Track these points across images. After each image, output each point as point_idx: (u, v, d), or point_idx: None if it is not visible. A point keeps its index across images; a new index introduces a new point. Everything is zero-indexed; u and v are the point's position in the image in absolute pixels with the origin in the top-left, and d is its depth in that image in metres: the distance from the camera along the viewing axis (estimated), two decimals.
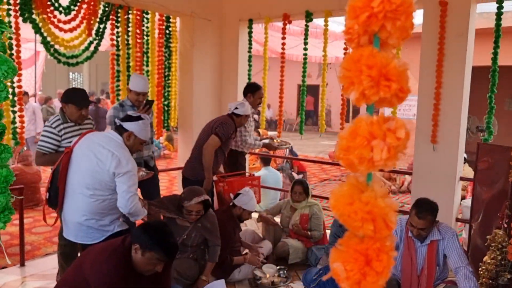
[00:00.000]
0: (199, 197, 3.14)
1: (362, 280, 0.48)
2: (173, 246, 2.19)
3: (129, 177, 2.58)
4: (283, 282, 3.59)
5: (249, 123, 4.46)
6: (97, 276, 2.09)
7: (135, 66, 5.00)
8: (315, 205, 4.17)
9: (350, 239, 0.51)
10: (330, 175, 9.55)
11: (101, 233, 2.66)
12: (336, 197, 0.50)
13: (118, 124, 2.74)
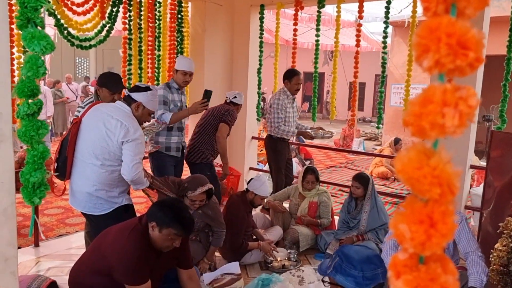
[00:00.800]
0: (203, 187, 3.12)
1: (426, 242, 0.50)
2: (189, 220, 2.23)
3: (136, 145, 2.60)
4: (293, 266, 3.65)
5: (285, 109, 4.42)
6: (118, 256, 2.14)
7: (146, 50, 5.01)
8: (324, 193, 4.21)
9: (413, 203, 0.53)
10: (336, 162, 9.58)
11: (110, 204, 2.69)
12: (403, 162, 0.52)
13: (127, 94, 2.76)
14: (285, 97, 4.48)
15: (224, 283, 2.87)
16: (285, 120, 4.47)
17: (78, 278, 2.29)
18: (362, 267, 1.47)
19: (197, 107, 3.63)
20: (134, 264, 2.11)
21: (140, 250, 2.14)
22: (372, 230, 3.87)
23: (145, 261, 2.15)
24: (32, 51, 2.04)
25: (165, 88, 3.72)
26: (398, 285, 0.54)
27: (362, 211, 3.90)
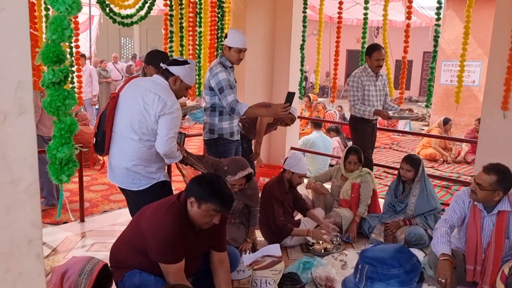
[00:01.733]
0: (243, 171, 3.00)
1: None
2: (228, 195, 2.16)
3: (172, 119, 2.56)
4: (336, 249, 3.53)
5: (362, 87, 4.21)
6: (153, 233, 2.10)
7: (187, 27, 4.93)
8: (367, 174, 4.01)
9: None
10: (380, 143, 9.25)
11: (148, 180, 2.66)
12: None
13: (164, 68, 2.69)
14: (364, 74, 4.21)
15: (264, 265, 2.79)
16: (365, 98, 4.21)
17: (118, 254, 2.29)
18: (399, 262, 1.30)
19: (279, 110, 3.26)
20: (168, 242, 2.07)
21: (177, 228, 2.09)
22: (420, 215, 3.67)
23: (182, 239, 2.11)
24: (57, 11, 1.88)
25: (223, 69, 3.37)
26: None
27: (410, 194, 3.70)
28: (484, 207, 2.64)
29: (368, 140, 4.41)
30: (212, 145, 3.51)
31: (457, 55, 9.51)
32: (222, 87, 3.28)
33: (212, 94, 3.39)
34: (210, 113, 3.46)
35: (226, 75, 3.32)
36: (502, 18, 3.73)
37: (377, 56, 4.13)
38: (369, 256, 1.35)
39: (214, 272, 2.41)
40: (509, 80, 3.69)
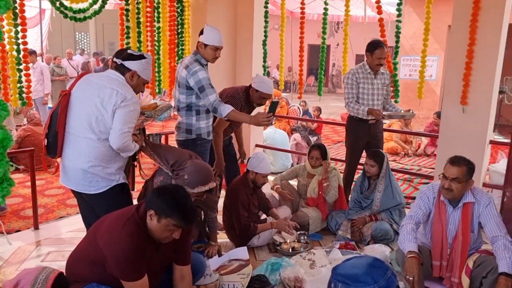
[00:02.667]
0: (204, 186, 2.72)
1: None
2: (191, 210, 2.03)
3: (128, 112, 2.44)
4: (304, 248, 3.49)
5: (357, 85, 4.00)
6: (111, 249, 1.96)
7: (145, 22, 4.75)
8: (333, 170, 3.99)
9: None
10: (343, 137, 9.35)
11: (107, 182, 2.53)
12: None
13: (119, 63, 2.55)
14: (361, 71, 4.02)
15: (232, 269, 2.72)
16: (359, 97, 4.03)
17: (74, 267, 2.14)
18: (373, 278, 1.25)
19: (261, 120, 3.15)
20: (128, 258, 1.94)
21: (135, 243, 1.96)
22: (385, 210, 3.70)
23: (141, 254, 1.98)
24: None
25: (201, 67, 3.19)
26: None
27: (376, 190, 3.71)
28: (449, 202, 2.66)
29: (360, 142, 4.15)
30: (189, 145, 3.34)
31: (415, 50, 9.78)
32: (203, 86, 3.12)
33: (189, 94, 3.22)
34: (186, 112, 3.28)
35: (206, 74, 3.17)
36: (460, 15, 3.79)
37: (380, 54, 3.92)
38: (341, 273, 1.30)
39: None
40: (468, 76, 3.77)
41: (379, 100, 4.09)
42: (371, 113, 3.91)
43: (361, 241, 3.66)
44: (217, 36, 3.21)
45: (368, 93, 4.03)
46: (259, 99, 3.61)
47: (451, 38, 3.97)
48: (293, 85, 16.04)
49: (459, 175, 2.54)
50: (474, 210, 2.63)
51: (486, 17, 3.64)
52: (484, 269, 2.47)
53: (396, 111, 4.12)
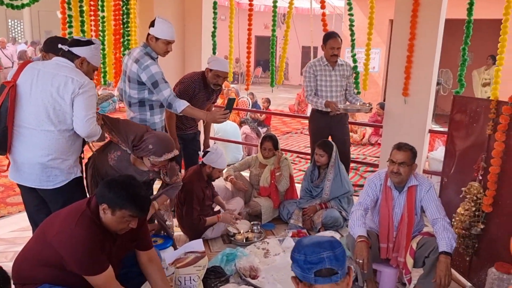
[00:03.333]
0: (169, 153, 2.77)
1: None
2: (144, 199, 2.01)
3: (88, 97, 2.39)
4: (257, 238, 3.56)
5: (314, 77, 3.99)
6: (68, 249, 1.89)
7: (89, 11, 4.54)
8: (283, 160, 4.09)
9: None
10: (291, 128, 9.55)
11: (66, 175, 2.46)
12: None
13: (66, 49, 2.47)
14: (318, 64, 4.02)
15: (188, 262, 2.71)
16: (318, 89, 4.03)
17: (23, 269, 2.04)
18: (305, 251, 1.34)
19: (217, 117, 3.12)
20: (87, 254, 1.89)
21: (92, 238, 1.91)
22: (335, 198, 3.84)
23: (100, 248, 1.94)
24: None
25: (153, 61, 3.10)
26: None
27: (326, 179, 3.84)
28: (395, 187, 2.81)
29: (323, 133, 4.13)
30: None
31: (358, 43, 10.05)
32: (156, 81, 3.03)
33: (141, 89, 3.11)
34: (139, 108, 3.17)
35: (158, 68, 3.08)
36: (401, 10, 3.97)
37: (332, 44, 3.91)
38: (301, 239, 1.42)
39: (145, 272, 2.28)
40: (409, 69, 3.97)
41: (337, 92, 4.08)
42: (328, 105, 3.91)
43: (312, 229, 3.78)
44: (169, 30, 3.13)
45: (326, 85, 4.04)
46: (214, 78, 3.62)
47: (394, 32, 4.16)
48: (241, 76, 16.06)
49: (405, 159, 2.69)
50: (417, 193, 2.80)
51: (425, 13, 3.85)
52: (426, 250, 2.64)
53: (357, 103, 4.11)
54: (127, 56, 3.28)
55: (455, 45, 6.25)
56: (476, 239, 2.86)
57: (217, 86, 3.73)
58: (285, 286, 2.81)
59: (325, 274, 1.33)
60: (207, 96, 3.76)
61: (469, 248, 2.92)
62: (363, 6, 9.22)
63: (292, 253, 1.40)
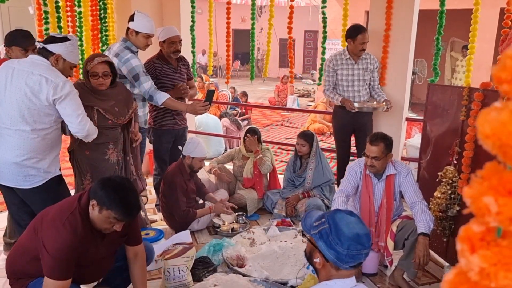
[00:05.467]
0: (100, 57, 2.73)
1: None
2: (133, 205, 1.99)
3: (72, 98, 2.37)
4: (243, 228, 3.62)
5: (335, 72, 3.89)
6: (50, 246, 1.89)
7: (65, 7, 4.51)
8: (266, 150, 4.17)
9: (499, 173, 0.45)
10: (272, 120, 9.62)
11: (43, 175, 2.44)
12: (494, 125, 0.43)
13: (41, 47, 2.43)
14: (339, 58, 3.89)
15: (176, 253, 2.75)
16: (338, 84, 3.91)
17: (16, 264, 2.05)
18: (349, 246, 1.42)
19: (198, 108, 3.18)
20: (61, 260, 1.88)
21: (74, 245, 1.90)
22: (317, 187, 3.93)
23: (78, 254, 1.93)
24: None
25: (133, 54, 3.15)
26: (474, 261, 0.47)
27: (308, 168, 3.93)
28: (374, 175, 2.92)
29: (344, 131, 4.04)
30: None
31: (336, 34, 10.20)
32: (137, 74, 3.06)
33: (123, 82, 3.15)
34: None
35: (138, 61, 3.12)
36: (376, 1, 4.07)
37: (362, 39, 3.78)
38: (336, 220, 1.50)
39: (129, 267, 2.29)
40: (385, 59, 4.08)
41: (360, 87, 3.92)
42: (343, 102, 3.81)
43: (296, 217, 3.87)
44: (149, 24, 3.17)
45: (348, 80, 3.91)
46: (169, 46, 3.58)
47: (370, 23, 4.26)
48: (219, 69, 16.04)
49: (377, 154, 2.79)
50: (396, 180, 2.91)
51: (399, 4, 3.95)
52: (405, 232, 2.76)
53: (381, 99, 3.92)
54: (107, 51, 3.29)
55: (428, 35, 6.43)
56: (453, 220, 3.00)
57: (177, 53, 3.64)
58: (271, 273, 2.89)
59: (356, 266, 1.48)
60: (173, 70, 3.67)
61: (446, 229, 3.06)
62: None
63: (331, 239, 1.45)
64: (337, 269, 1.46)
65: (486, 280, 0.46)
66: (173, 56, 3.63)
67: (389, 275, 2.93)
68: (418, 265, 2.56)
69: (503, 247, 0.47)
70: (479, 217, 0.47)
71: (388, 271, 3.01)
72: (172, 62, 3.66)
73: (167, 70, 3.62)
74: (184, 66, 3.81)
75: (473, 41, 3.67)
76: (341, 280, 1.44)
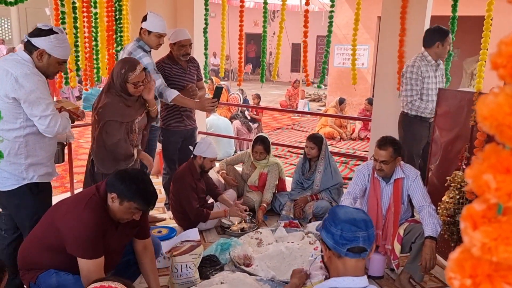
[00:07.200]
0: (139, 64, 2.75)
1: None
2: (153, 195, 2.10)
3: (37, 98, 2.16)
4: (251, 229, 3.65)
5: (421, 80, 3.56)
6: (73, 228, 1.96)
7: (81, 8, 4.59)
8: (274, 164, 4.14)
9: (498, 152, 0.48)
10: (282, 124, 9.65)
11: (16, 179, 2.27)
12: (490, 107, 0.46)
13: (26, 40, 2.26)
14: (423, 64, 3.58)
15: (184, 250, 2.79)
16: (423, 93, 3.60)
17: (28, 255, 2.11)
18: (342, 227, 1.46)
19: (206, 105, 3.21)
20: (90, 237, 1.96)
21: (98, 222, 1.99)
22: (325, 190, 3.94)
23: (102, 233, 2.02)
24: None
25: (145, 53, 3.21)
26: (476, 237, 0.50)
27: (316, 171, 3.94)
28: (382, 178, 2.93)
29: (422, 143, 3.73)
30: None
31: (348, 39, 10.23)
32: (148, 72, 3.14)
33: None
34: None
35: (150, 59, 3.19)
36: (390, 7, 4.08)
37: (450, 40, 3.51)
38: (334, 209, 1.59)
39: (139, 260, 2.35)
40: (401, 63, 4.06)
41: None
42: None
43: (303, 219, 3.89)
44: (161, 23, 3.24)
45: (433, 88, 3.60)
46: (179, 49, 3.61)
47: (381, 29, 4.27)
48: (231, 73, 16.13)
49: (386, 158, 2.80)
50: (404, 184, 2.92)
51: (411, 10, 3.96)
52: (412, 236, 2.76)
53: None
54: (122, 51, 3.36)
55: None
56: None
57: (186, 56, 3.67)
58: (277, 273, 2.92)
59: (357, 251, 1.47)
60: (183, 71, 3.70)
61: (453, 234, 3.05)
62: (352, 4, 9.36)
63: (327, 223, 1.51)
64: (339, 257, 1.48)
65: (487, 254, 0.49)
66: (182, 59, 3.68)
67: (396, 279, 2.94)
68: (425, 268, 2.56)
69: (503, 223, 0.50)
70: (480, 194, 0.50)
71: (394, 274, 3.01)
72: (182, 64, 3.71)
73: (177, 71, 3.68)
74: (194, 67, 3.86)
75: (485, 47, 3.67)
76: (349, 278, 1.46)
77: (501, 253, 0.48)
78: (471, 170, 0.50)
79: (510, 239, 0.48)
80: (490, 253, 0.49)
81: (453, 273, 0.52)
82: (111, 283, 1.72)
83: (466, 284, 0.51)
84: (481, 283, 0.51)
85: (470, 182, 0.50)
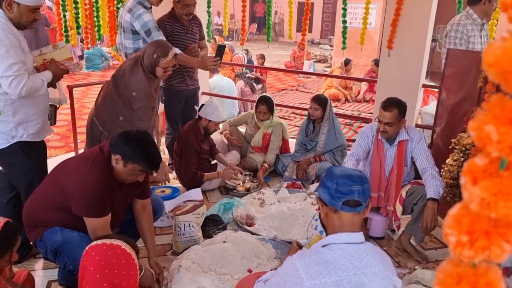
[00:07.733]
0: (172, 50, 2.80)
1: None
2: (156, 156, 2.10)
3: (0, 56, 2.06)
4: (254, 189, 3.67)
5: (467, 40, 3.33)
6: (78, 188, 1.98)
7: None
8: (278, 124, 4.11)
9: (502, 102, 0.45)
10: (287, 85, 9.55)
11: (6, 138, 2.27)
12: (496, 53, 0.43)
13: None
14: (469, 22, 3.37)
15: (187, 209, 2.82)
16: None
17: (33, 213, 2.14)
18: (337, 181, 1.47)
19: (209, 64, 3.17)
20: (95, 196, 1.98)
21: (102, 182, 2.00)
22: (329, 151, 3.93)
23: (107, 193, 2.03)
24: None
25: (145, 10, 3.10)
26: (475, 192, 0.48)
27: (320, 132, 3.92)
28: (386, 140, 2.90)
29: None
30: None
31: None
32: (149, 29, 3.06)
33: (136, 38, 3.14)
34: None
35: (151, 16, 3.10)
36: None
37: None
38: (331, 168, 1.59)
39: (137, 219, 2.37)
40: (396, 21, 3.92)
41: None
42: None
43: (306, 181, 3.90)
44: None
45: (478, 49, 3.37)
46: (183, 8, 3.52)
47: None
48: (235, 32, 15.81)
49: (391, 120, 2.75)
50: (408, 146, 2.89)
51: None
52: (415, 197, 2.77)
53: None
54: (122, 8, 3.27)
55: (453, 1, 6.18)
56: None
57: (189, 15, 3.60)
58: (279, 233, 2.95)
59: (352, 204, 1.49)
60: (185, 29, 3.63)
61: (456, 197, 3.05)
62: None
63: (324, 179, 1.55)
64: (335, 211, 1.50)
65: (486, 210, 0.47)
66: (185, 18, 3.59)
67: (396, 239, 2.97)
68: (425, 229, 2.58)
69: (504, 178, 0.48)
70: (481, 147, 0.47)
71: (395, 235, 3.05)
72: (184, 22, 3.62)
73: (179, 29, 3.59)
74: (197, 25, 3.77)
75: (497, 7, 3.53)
76: (346, 233, 1.47)
77: (500, 209, 0.46)
78: (474, 122, 0.48)
79: (510, 194, 0.46)
80: (489, 208, 0.47)
81: (450, 229, 0.50)
82: (113, 241, 1.75)
83: (463, 240, 0.49)
84: (478, 240, 0.49)
85: (473, 135, 0.48)
